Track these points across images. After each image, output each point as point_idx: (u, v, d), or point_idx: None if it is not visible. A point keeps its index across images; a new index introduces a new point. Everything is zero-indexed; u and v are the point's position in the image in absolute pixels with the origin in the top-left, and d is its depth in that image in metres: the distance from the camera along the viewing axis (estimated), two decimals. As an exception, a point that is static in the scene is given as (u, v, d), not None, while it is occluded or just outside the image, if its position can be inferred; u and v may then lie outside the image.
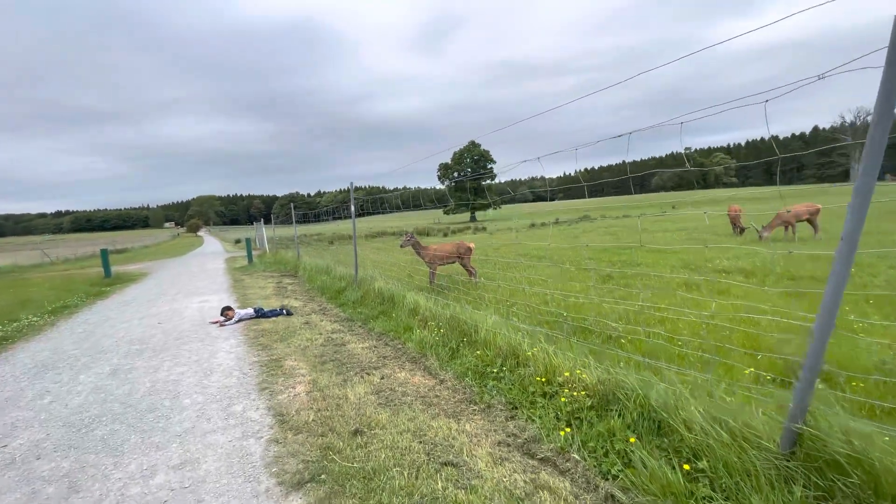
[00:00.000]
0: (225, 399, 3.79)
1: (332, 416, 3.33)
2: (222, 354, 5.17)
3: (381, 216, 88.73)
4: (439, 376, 4.18)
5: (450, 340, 4.88)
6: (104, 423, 3.48)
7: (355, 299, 8.02)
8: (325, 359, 4.81)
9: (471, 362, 4.24)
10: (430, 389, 3.91)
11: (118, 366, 4.99)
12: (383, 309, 6.93)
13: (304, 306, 8.19)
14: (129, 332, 6.67)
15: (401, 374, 4.31)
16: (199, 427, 3.29)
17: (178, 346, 5.66)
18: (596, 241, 17.20)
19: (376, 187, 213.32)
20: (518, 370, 3.85)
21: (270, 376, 4.27)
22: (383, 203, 19.16)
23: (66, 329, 7.25)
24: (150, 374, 4.63)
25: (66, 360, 5.38)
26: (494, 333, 4.43)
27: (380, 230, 41.49)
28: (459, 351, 4.62)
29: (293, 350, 5.19)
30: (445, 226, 49.31)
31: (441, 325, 5.37)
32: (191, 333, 6.38)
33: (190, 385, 4.20)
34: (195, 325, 6.98)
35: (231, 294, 10.07)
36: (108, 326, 7.23)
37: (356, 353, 5.04)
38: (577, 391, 3.22)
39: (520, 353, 3.98)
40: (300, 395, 3.75)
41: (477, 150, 73.19)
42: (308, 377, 4.21)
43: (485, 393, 3.65)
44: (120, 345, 5.95)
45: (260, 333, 6.08)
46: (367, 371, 4.38)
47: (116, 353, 5.55)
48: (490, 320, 4.65)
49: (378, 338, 5.67)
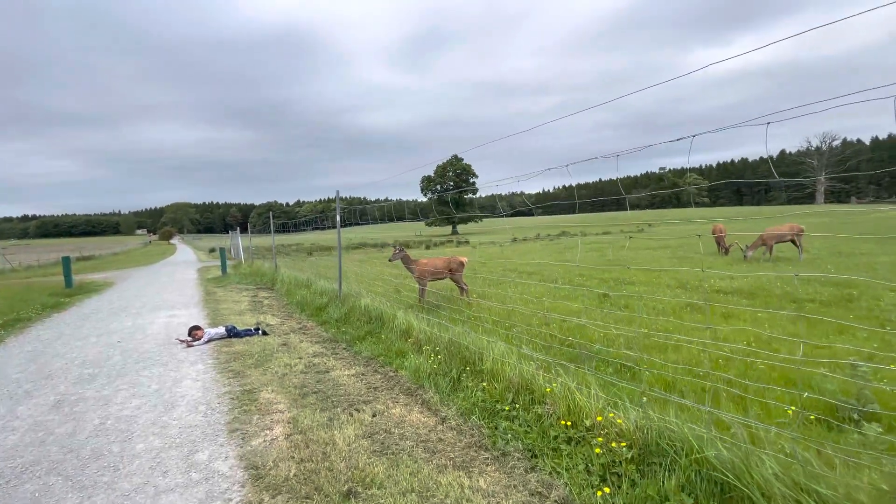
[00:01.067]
0: (187, 443, 3.18)
1: (317, 469, 2.77)
2: (188, 383, 4.53)
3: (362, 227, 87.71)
4: (440, 413, 3.67)
5: (450, 369, 4.37)
6: (38, 475, 2.84)
7: (339, 317, 7.43)
8: (306, 390, 4.24)
9: (477, 397, 3.74)
10: (432, 430, 3.39)
11: (64, 395, 4.30)
12: (370, 329, 6.37)
13: (282, 324, 7.56)
14: (82, 353, 5.93)
15: (395, 409, 3.78)
16: (152, 483, 2.68)
17: (137, 371, 4.98)
18: (582, 258, 16.99)
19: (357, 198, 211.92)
20: (534, 408, 3.38)
21: (243, 413, 3.67)
22: (364, 214, 18.60)
23: (15, 347, 6.44)
24: (100, 407, 3.97)
25: (8, 386, 4.65)
26: (503, 363, 3.95)
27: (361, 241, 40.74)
28: (461, 381, 4.12)
29: (270, 378, 4.59)
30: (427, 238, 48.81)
31: (438, 350, 4.86)
32: (154, 355, 5.69)
33: (146, 423, 3.57)
34: (160, 344, 6.28)
35: (202, 309, 9.33)
36: (60, 345, 6.45)
37: (342, 382, 4.48)
38: (612, 439, 2.77)
39: (535, 388, 3.51)
40: (278, 440, 3.18)
41: (460, 164, 73.37)
42: (287, 414, 3.63)
43: (497, 437, 3.16)
44: (70, 368, 5.22)
45: (232, 357, 5.45)
46: (356, 406, 3.84)
47: (65, 378, 4.83)
48: (497, 347, 4.17)
49: (366, 363, 5.12)
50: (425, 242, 39.71)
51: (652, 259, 14.98)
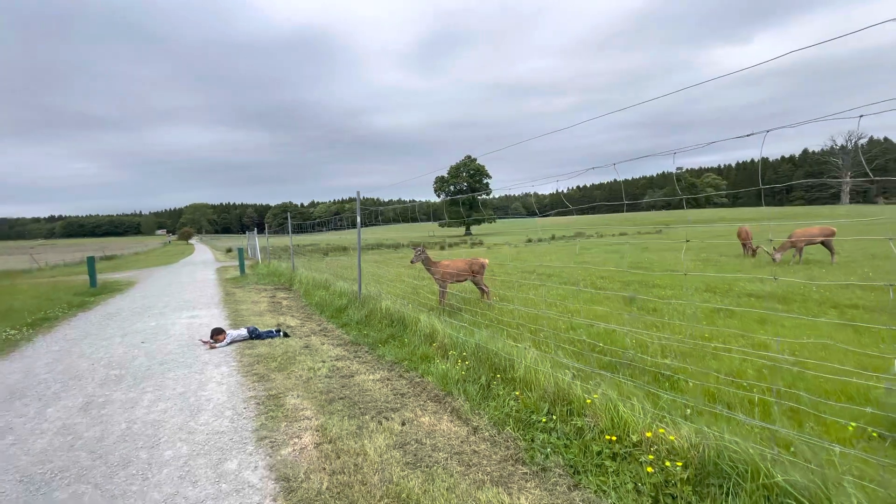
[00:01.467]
0: (215, 451, 3.10)
1: (350, 482, 2.66)
2: (212, 386, 4.47)
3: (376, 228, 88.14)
4: (472, 422, 3.53)
5: (478, 376, 4.24)
6: (67, 482, 2.79)
7: (359, 319, 7.35)
8: (332, 395, 4.14)
9: (510, 406, 3.60)
10: (464, 441, 3.26)
11: (92, 397, 4.27)
12: (392, 332, 6.27)
13: (302, 326, 7.51)
14: (108, 353, 5.94)
15: (424, 418, 3.66)
16: (182, 494, 2.61)
17: (162, 374, 4.95)
18: (600, 259, 16.70)
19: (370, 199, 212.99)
20: (572, 420, 3.22)
21: (270, 419, 3.59)
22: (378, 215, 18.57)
23: (42, 346, 6.49)
24: (127, 410, 3.93)
25: (37, 386, 4.66)
26: (536, 371, 3.80)
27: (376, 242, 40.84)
28: (492, 389, 3.98)
29: (294, 382, 4.51)
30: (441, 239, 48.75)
31: (465, 355, 4.73)
32: (177, 356, 5.67)
33: (173, 428, 3.51)
34: (182, 345, 6.26)
35: (222, 309, 9.34)
36: (86, 345, 6.49)
37: (367, 387, 4.38)
38: (664, 456, 2.60)
39: (573, 399, 3.36)
40: (308, 449, 3.08)
41: (473, 164, 73.21)
42: (315, 422, 3.53)
43: (535, 451, 3.01)
44: (97, 369, 5.22)
45: (255, 359, 5.39)
46: (385, 414, 3.72)
47: (92, 379, 4.83)
48: (530, 355, 4.02)
49: (390, 368, 5.02)
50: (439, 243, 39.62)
51: (675, 261, 14.61)
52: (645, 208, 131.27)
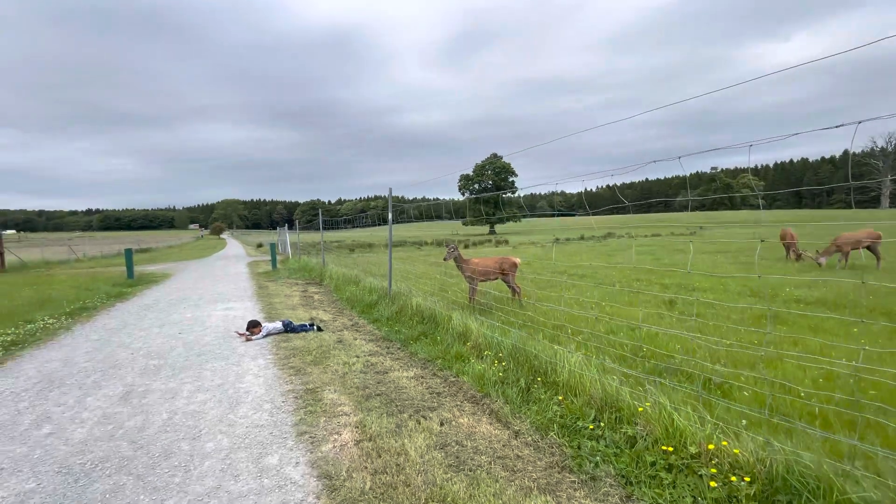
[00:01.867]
0: (256, 445, 3.07)
1: (393, 483, 2.57)
2: (250, 378, 4.48)
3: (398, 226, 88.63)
4: (512, 426, 3.40)
5: (517, 378, 4.09)
6: (108, 473, 2.79)
7: (389, 315, 7.30)
8: (368, 391, 4.08)
9: (553, 411, 3.44)
10: (506, 445, 3.13)
11: (132, 387, 4.34)
12: (424, 329, 6.18)
13: (334, 320, 7.51)
14: (146, 343, 6.07)
15: (463, 419, 3.54)
16: (225, 488, 2.57)
17: (200, 365, 5.01)
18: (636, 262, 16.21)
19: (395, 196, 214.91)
20: (621, 429, 3.05)
21: (309, 414, 3.54)
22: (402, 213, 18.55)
23: (81, 335, 6.70)
24: (167, 400, 3.96)
25: (76, 375, 4.77)
26: (580, 375, 3.63)
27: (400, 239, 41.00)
28: (532, 393, 3.84)
29: (330, 377, 4.46)
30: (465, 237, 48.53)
31: (502, 356, 4.59)
32: (214, 348, 5.73)
33: (213, 420, 3.50)
34: (219, 337, 6.35)
35: (256, 302, 9.48)
36: (124, 335, 6.65)
37: (403, 385, 4.29)
38: (726, 470, 2.40)
39: (622, 406, 3.18)
40: (348, 447, 3.01)
41: (499, 162, 72.69)
42: (353, 418, 3.47)
43: (583, 458, 2.85)
44: (136, 358, 5.33)
45: (291, 352, 5.39)
46: (422, 413, 3.63)
47: (132, 369, 4.92)
48: (573, 358, 3.85)
49: (423, 365, 4.92)
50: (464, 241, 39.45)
51: (712, 264, 14.03)
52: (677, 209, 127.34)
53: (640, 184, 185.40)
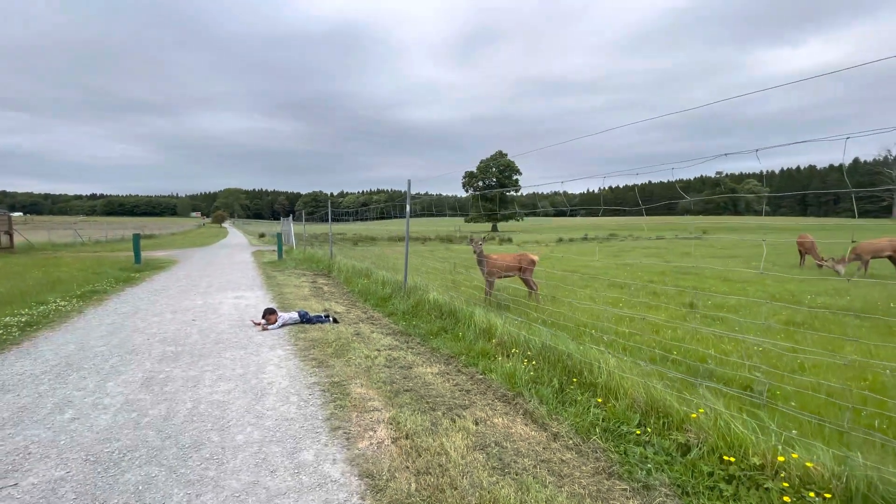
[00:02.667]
0: (288, 439, 2.94)
1: (439, 485, 2.45)
2: (272, 369, 4.35)
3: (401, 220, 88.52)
4: (550, 428, 3.27)
5: (549, 378, 3.97)
6: (138, 463, 2.67)
7: (405, 309, 7.17)
8: (396, 387, 3.95)
9: (593, 414, 3.31)
10: (546, 448, 3.00)
11: (152, 373, 4.22)
12: (443, 325, 6.05)
13: (348, 312, 7.39)
14: (161, 329, 5.95)
15: (497, 419, 3.41)
16: (262, 483, 2.44)
17: (218, 353, 4.88)
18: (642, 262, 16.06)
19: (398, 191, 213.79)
20: (671, 435, 2.92)
21: (340, 409, 3.41)
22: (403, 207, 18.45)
23: (94, 319, 6.58)
24: (189, 388, 3.84)
25: (93, 359, 4.65)
26: (621, 378, 3.50)
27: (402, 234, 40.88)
28: (566, 394, 3.71)
29: (355, 370, 4.34)
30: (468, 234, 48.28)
31: (530, 355, 4.46)
32: (230, 336, 5.61)
33: (240, 411, 3.38)
34: (233, 325, 6.22)
35: (266, 291, 9.36)
36: (138, 319, 6.53)
37: (429, 381, 4.17)
38: (797, 485, 2.27)
39: (671, 412, 3.05)
40: (386, 444, 2.88)
41: (503, 160, 72.40)
42: (385, 414, 3.34)
43: (632, 465, 2.72)
44: (152, 344, 5.21)
45: (310, 343, 5.27)
46: (455, 411, 3.50)
47: (149, 355, 4.79)
48: (612, 360, 3.72)
49: (447, 362, 4.79)
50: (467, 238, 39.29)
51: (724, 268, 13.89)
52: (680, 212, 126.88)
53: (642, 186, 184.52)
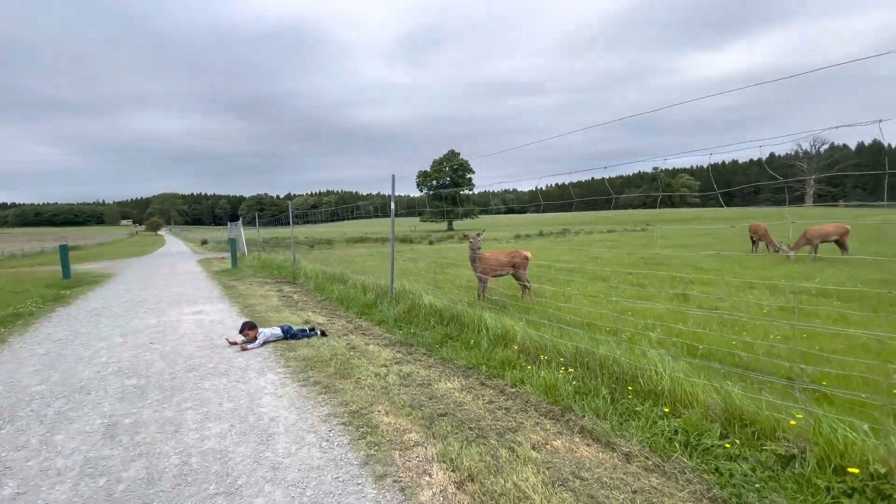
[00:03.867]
0: (327, 498, 2.30)
1: (544, 545, 1.93)
2: (269, 399, 3.63)
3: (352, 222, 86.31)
4: (618, 447, 2.85)
5: (595, 387, 3.55)
6: (118, 550, 1.94)
7: (397, 316, 6.55)
8: (426, 411, 3.38)
9: (663, 427, 2.92)
10: (627, 472, 2.57)
11: (114, 417, 3.37)
12: (447, 332, 5.51)
13: (332, 323, 6.67)
14: (113, 357, 4.97)
15: (557, 441, 2.95)
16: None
17: (195, 383, 4.06)
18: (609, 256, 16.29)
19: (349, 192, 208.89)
20: (764, 446, 2.58)
21: (374, 447, 2.79)
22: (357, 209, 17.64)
23: (23, 349, 5.44)
24: (170, 435, 3.05)
25: (29, 403, 3.69)
26: (687, 382, 3.14)
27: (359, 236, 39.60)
28: (621, 404, 3.31)
29: (370, 394, 3.71)
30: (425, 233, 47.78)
31: (563, 361, 4.04)
32: (204, 360, 4.76)
33: (247, 462, 2.67)
34: (203, 346, 5.34)
35: (230, 304, 8.36)
36: (80, 347, 5.47)
37: (458, 399, 3.63)
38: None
39: (759, 419, 2.71)
40: (451, 493, 2.32)
41: (456, 159, 72.60)
42: (431, 449, 2.77)
43: (735, 486, 2.35)
44: (106, 377, 4.27)
45: (304, 363, 4.54)
46: (506, 437, 2.99)
47: (105, 392, 3.89)
48: (669, 364, 3.35)
49: (465, 374, 4.27)
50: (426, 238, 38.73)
51: (691, 258, 14.30)
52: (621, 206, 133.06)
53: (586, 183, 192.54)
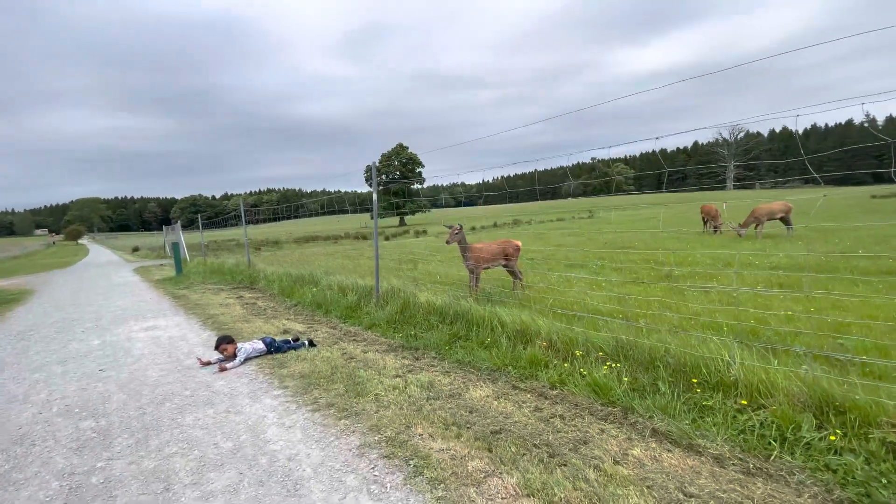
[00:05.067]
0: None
1: None
2: (276, 432, 2.96)
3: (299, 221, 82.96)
4: (705, 450, 2.52)
5: (651, 382, 3.22)
6: None
7: (388, 318, 5.96)
8: (474, 428, 2.88)
9: (743, 422, 2.63)
10: (731, 480, 2.25)
11: (75, 475, 2.58)
12: (454, 332, 5.01)
13: (314, 330, 5.97)
14: (55, 391, 4.03)
15: (634, 450, 2.57)
16: None
17: (172, 418, 3.29)
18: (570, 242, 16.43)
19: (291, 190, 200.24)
20: (870, 434, 2.33)
21: (439, 485, 2.25)
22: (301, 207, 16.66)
23: (-74, 391, 4.31)
24: (160, 497, 2.34)
25: (-54, 465, 2.80)
26: (763, 370, 2.86)
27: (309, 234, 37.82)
28: (687, 400, 2.99)
29: (399, 413, 3.14)
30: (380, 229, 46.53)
31: (605, 355, 3.68)
32: (175, 387, 3.95)
33: (278, 523, 2.06)
34: (169, 369, 4.50)
35: (186, 316, 7.36)
36: (9, 380, 4.44)
37: (503, 411, 3.17)
38: None
39: (854, 405, 2.47)
40: (565, 538, 1.85)
41: (405, 153, 71.67)
42: (509, 479, 2.28)
43: (862, 485, 2.07)
44: (52, 420, 3.39)
45: (303, 382, 3.88)
46: (581, 451, 2.57)
47: (55, 440, 3.05)
48: (737, 351, 3.06)
49: (491, 378, 3.82)
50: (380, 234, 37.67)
51: (653, 240, 14.66)
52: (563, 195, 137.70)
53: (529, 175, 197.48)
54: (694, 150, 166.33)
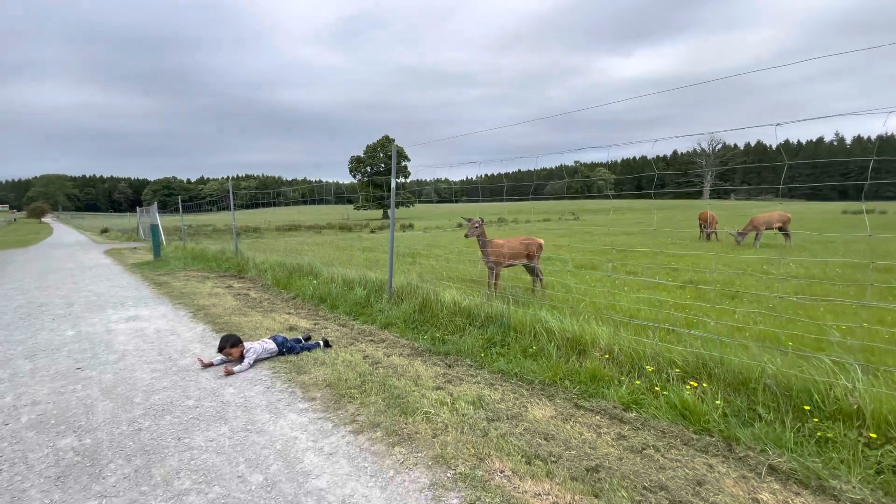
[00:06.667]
0: None
1: None
2: (315, 461, 2.40)
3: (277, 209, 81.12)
4: (840, 494, 2.10)
5: (747, 407, 2.79)
6: None
7: (406, 317, 5.41)
8: (563, 463, 2.38)
9: (879, 460, 2.22)
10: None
11: (54, 517, 1.98)
12: (489, 336, 4.49)
13: (321, 327, 5.38)
14: (23, 395, 3.34)
15: (760, 494, 2.13)
16: None
17: (177, 437, 2.68)
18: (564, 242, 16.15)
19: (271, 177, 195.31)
20: None
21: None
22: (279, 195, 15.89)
23: None
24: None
25: None
26: (883, 396, 2.46)
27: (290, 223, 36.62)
28: (800, 430, 2.57)
29: (459, 436, 2.61)
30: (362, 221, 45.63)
31: (680, 374, 3.24)
32: (174, 394, 3.32)
33: None
34: (163, 371, 3.84)
35: (173, 305, 6.62)
36: (-37, 380, 3.70)
37: (584, 438, 2.69)
38: None
39: None
40: None
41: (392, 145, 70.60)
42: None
43: None
44: (23, 436, 2.73)
45: (330, 392, 3.30)
46: (701, 495, 2.11)
47: (27, 466, 2.40)
48: (858, 375, 2.65)
49: (546, 394, 3.33)
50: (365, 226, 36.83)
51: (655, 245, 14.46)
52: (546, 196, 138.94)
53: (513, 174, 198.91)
54: (673, 159, 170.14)
